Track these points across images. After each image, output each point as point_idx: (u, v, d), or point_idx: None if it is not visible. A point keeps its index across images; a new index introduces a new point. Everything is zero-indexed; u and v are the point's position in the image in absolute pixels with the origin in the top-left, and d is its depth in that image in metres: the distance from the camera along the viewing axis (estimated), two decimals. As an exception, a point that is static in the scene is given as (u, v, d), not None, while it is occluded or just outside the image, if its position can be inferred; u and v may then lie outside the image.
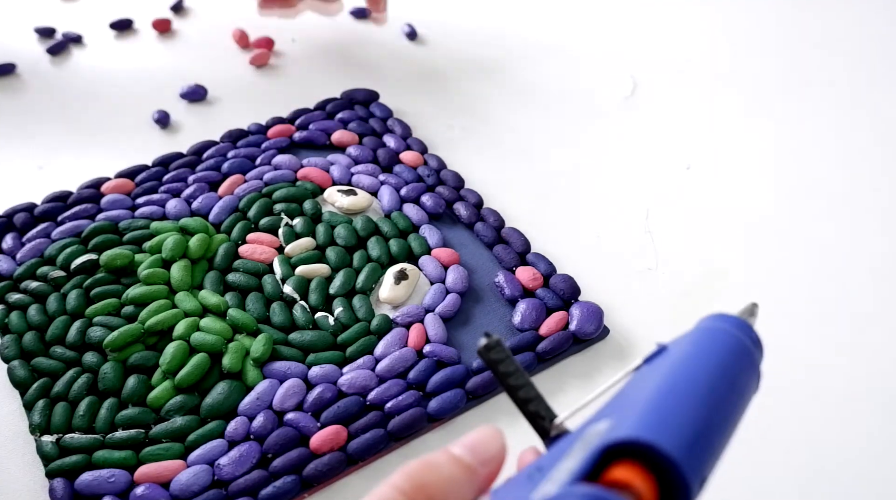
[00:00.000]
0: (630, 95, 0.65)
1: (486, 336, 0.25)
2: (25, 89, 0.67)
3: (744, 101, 0.65)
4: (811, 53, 0.70)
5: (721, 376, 0.22)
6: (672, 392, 0.21)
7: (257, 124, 0.61)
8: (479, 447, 0.24)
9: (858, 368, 0.46)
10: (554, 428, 0.25)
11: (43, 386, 0.44)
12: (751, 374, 0.24)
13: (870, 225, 0.54)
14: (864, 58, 0.69)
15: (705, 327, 0.25)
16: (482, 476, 0.23)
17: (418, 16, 0.73)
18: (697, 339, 0.24)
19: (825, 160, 0.59)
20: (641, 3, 0.76)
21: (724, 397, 0.22)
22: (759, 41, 0.71)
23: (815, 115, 0.63)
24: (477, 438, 0.24)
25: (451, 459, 0.23)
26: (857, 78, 0.67)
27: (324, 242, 0.52)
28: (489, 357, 0.25)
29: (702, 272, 0.51)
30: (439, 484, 0.22)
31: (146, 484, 0.40)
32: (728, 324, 0.25)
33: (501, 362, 0.25)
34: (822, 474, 0.41)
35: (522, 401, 0.25)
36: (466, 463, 0.23)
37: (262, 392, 0.43)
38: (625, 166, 0.59)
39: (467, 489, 0.23)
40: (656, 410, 0.20)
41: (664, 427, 0.20)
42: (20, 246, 0.52)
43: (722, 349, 0.23)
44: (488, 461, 0.24)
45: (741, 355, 0.24)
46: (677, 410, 0.21)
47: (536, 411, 0.25)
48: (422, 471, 0.22)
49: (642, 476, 0.19)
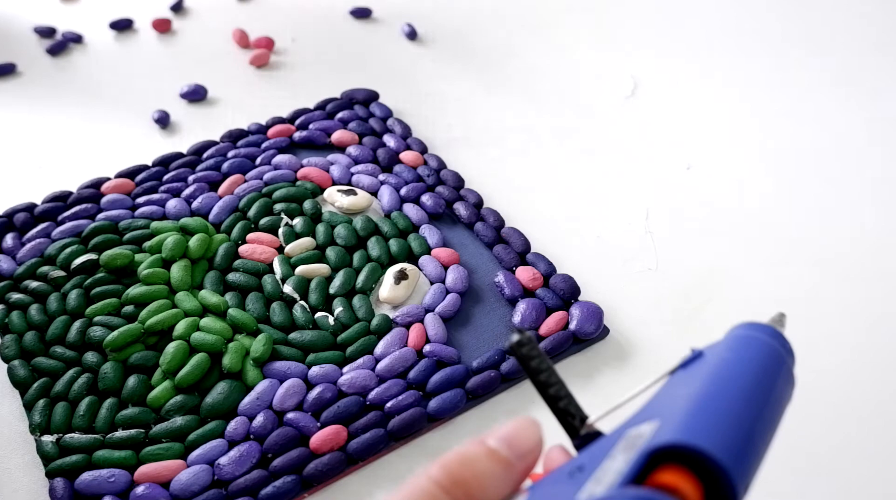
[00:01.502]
0: (630, 94, 0.65)
1: (517, 332, 0.25)
2: (25, 89, 0.67)
3: (744, 101, 0.65)
4: (812, 54, 0.70)
5: (762, 383, 0.22)
6: (717, 397, 0.21)
7: (257, 124, 0.61)
8: (517, 440, 0.23)
9: (859, 368, 0.46)
10: (584, 427, 0.25)
11: (43, 386, 0.44)
12: (787, 382, 0.24)
13: (870, 225, 0.54)
14: (867, 59, 0.69)
15: (740, 335, 0.25)
16: (519, 471, 0.23)
17: (418, 16, 0.73)
18: (735, 346, 0.24)
19: (826, 160, 0.59)
20: (642, 3, 0.76)
21: (766, 404, 0.22)
22: (760, 41, 0.71)
23: (815, 115, 0.63)
24: (514, 430, 0.23)
25: (487, 452, 0.22)
26: (859, 79, 0.67)
27: (324, 242, 0.52)
28: (520, 353, 0.25)
29: (702, 272, 0.51)
30: (476, 479, 0.22)
31: (146, 484, 0.40)
32: (762, 333, 0.25)
33: (533, 358, 0.25)
34: (824, 472, 0.41)
35: (553, 398, 0.25)
36: (503, 457, 0.22)
37: (262, 392, 0.43)
38: (625, 166, 0.59)
39: (504, 484, 0.22)
40: (703, 414, 0.20)
41: (712, 432, 0.20)
42: (20, 246, 0.52)
43: (760, 357, 0.23)
44: (525, 455, 0.23)
45: (778, 363, 0.24)
46: (724, 415, 0.20)
47: (566, 409, 0.25)
48: (459, 465, 0.22)
49: (689, 481, 0.19)
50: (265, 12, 0.75)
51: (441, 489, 0.21)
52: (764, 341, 0.24)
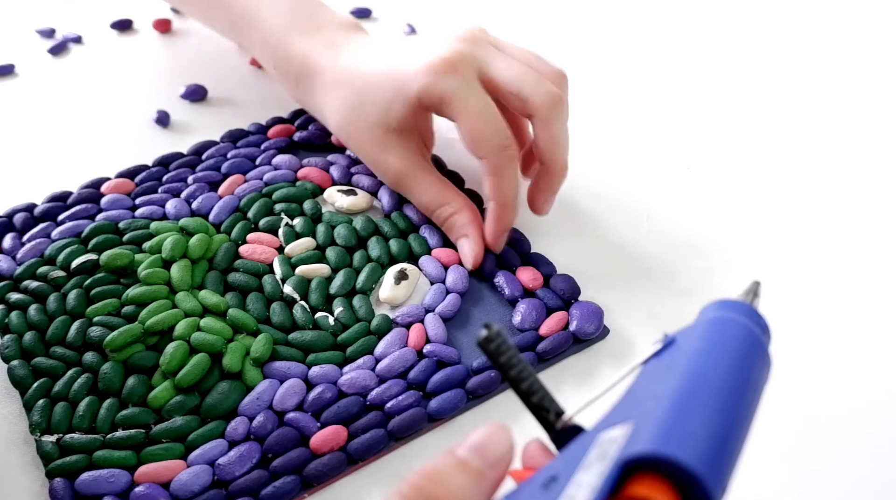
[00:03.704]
0: (630, 94, 0.65)
1: (485, 328, 0.24)
2: (25, 89, 0.67)
3: (744, 101, 0.65)
4: (813, 54, 0.70)
5: (738, 375, 0.22)
6: (690, 399, 0.20)
7: (257, 124, 0.61)
8: (487, 447, 0.23)
9: (860, 367, 0.46)
10: (560, 422, 0.25)
11: (43, 386, 0.44)
12: (763, 365, 0.23)
13: (871, 225, 0.54)
14: (869, 59, 0.69)
15: (714, 318, 0.24)
16: (491, 480, 0.23)
17: (418, 16, 0.73)
18: (708, 333, 0.23)
19: (827, 160, 0.59)
20: (641, 4, 0.76)
21: (743, 397, 0.21)
22: (760, 41, 0.71)
23: (816, 114, 0.63)
24: (483, 438, 0.23)
25: (458, 464, 0.22)
26: (861, 79, 0.67)
27: (324, 242, 0.52)
28: (489, 349, 0.24)
29: (702, 272, 0.51)
30: (448, 493, 0.21)
31: (146, 484, 0.40)
32: (735, 312, 0.24)
33: (503, 354, 0.24)
34: (826, 469, 0.41)
35: (526, 393, 0.25)
36: (474, 467, 0.22)
37: (262, 392, 0.43)
38: (625, 166, 0.59)
39: (477, 495, 0.22)
40: (676, 420, 0.20)
41: (686, 440, 0.19)
42: (20, 246, 0.52)
43: (735, 343, 0.23)
44: (496, 463, 0.23)
45: (754, 346, 0.23)
46: (698, 419, 0.20)
47: (540, 403, 0.25)
48: (430, 481, 0.22)
49: (664, 491, 0.19)
50: (265, 12, 0.75)
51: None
52: (738, 322, 0.23)
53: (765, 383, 0.23)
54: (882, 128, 0.62)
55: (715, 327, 0.24)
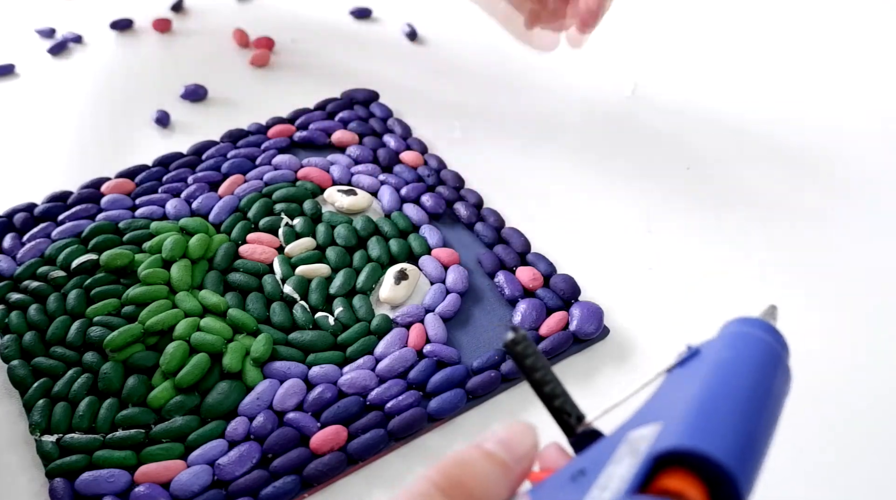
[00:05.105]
0: (630, 94, 0.65)
1: (512, 330, 0.25)
2: (25, 89, 0.67)
3: (744, 100, 0.65)
4: (813, 53, 0.70)
5: (761, 382, 0.22)
6: (718, 399, 0.21)
7: (257, 124, 0.61)
8: (513, 443, 0.23)
9: (859, 367, 0.46)
10: (581, 426, 0.25)
11: (43, 386, 0.44)
12: (784, 378, 0.24)
13: (871, 225, 0.54)
14: (868, 57, 0.69)
15: (735, 332, 0.24)
16: (516, 473, 0.23)
17: (418, 16, 0.73)
18: (731, 343, 0.24)
19: (827, 160, 0.59)
20: (642, 3, 0.76)
21: (766, 403, 0.22)
22: (760, 40, 0.71)
23: (816, 114, 0.63)
24: (510, 434, 0.24)
25: (485, 455, 0.23)
26: (861, 77, 0.67)
27: (324, 242, 0.52)
28: (515, 351, 0.25)
29: (702, 272, 0.51)
30: (475, 480, 0.22)
31: (146, 484, 0.40)
32: (756, 328, 0.24)
33: (528, 356, 0.25)
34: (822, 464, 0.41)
35: (548, 396, 0.25)
36: (501, 459, 0.23)
37: (262, 392, 0.43)
38: (625, 166, 0.59)
39: (503, 486, 0.23)
40: (706, 417, 0.20)
41: (716, 436, 0.20)
42: (20, 246, 0.52)
43: (757, 354, 0.23)
44: (521, 458, 0.23)
45: (775, 359, 0.24)
46: (726, 417, 0.20)
47: (562, 407, 0.25)
48: (458, 467, 0.22)
49: (694, 485, 0.19)
50: (265, 12, 0.75)
51: (441, 491, 0.21)
52: (759, 337, 0.24)
53: (786, 395, 0.24)
54: (882, 128, 0.62)
55: (738, 339, 0.24)
